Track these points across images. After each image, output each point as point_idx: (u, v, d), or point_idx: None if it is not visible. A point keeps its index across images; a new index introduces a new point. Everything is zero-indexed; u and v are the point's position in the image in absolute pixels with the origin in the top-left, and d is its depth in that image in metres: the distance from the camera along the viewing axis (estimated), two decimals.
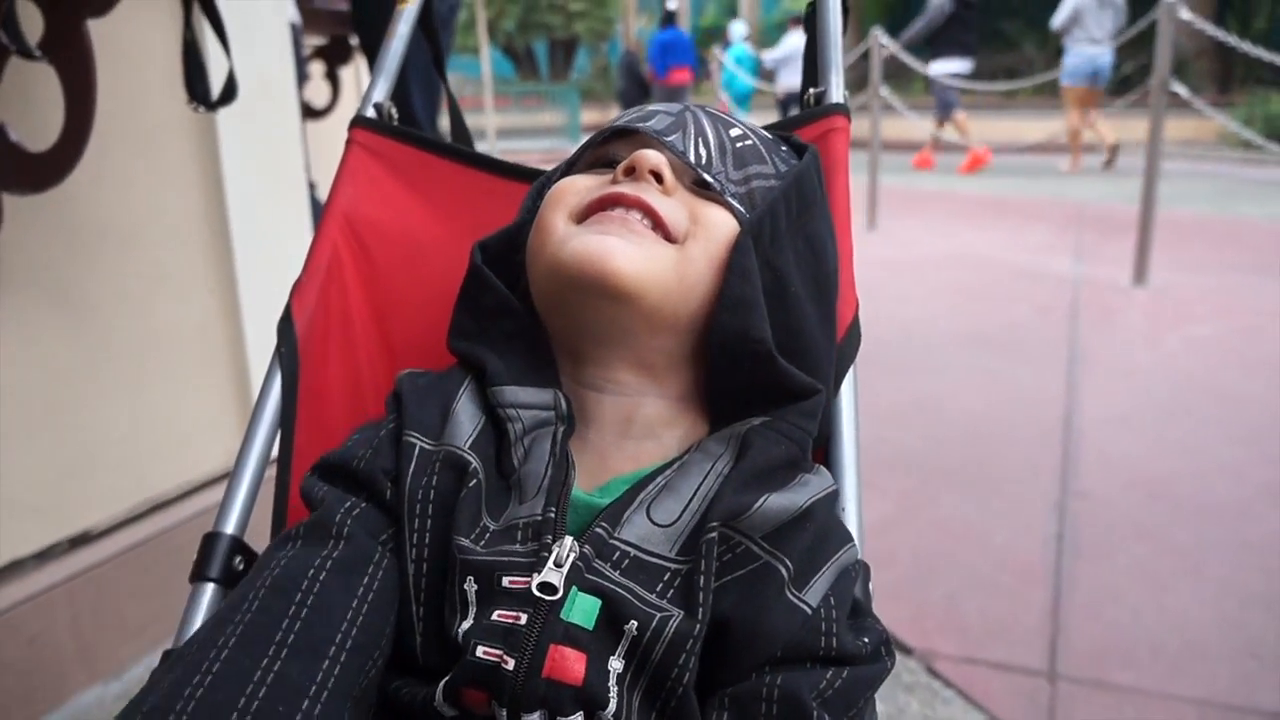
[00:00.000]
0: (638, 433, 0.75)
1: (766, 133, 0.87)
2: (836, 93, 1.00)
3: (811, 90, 1.02)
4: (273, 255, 2.07)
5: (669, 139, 0.79)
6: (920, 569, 2.16)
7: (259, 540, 0.88)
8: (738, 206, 0.78)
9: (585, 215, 0.76)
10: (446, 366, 0.82)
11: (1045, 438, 2.86)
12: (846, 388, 0.86)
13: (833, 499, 0.75)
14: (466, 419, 0.75)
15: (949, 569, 2.16)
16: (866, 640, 0.68)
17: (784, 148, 0.87)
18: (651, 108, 0.85)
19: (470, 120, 1.25)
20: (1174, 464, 2.66)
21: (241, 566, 0.84)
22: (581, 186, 0.79)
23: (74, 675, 1.73)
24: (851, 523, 0.79)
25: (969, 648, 1.88)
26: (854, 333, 0.87)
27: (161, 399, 1.88)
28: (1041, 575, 2.12)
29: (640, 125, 0.81)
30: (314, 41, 2.90)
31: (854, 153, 1.04)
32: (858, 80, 8.43)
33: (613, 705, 0.61)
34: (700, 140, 0.80)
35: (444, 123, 1.90)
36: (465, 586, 0.66)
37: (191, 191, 1.93)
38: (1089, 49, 8.62)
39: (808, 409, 0.75)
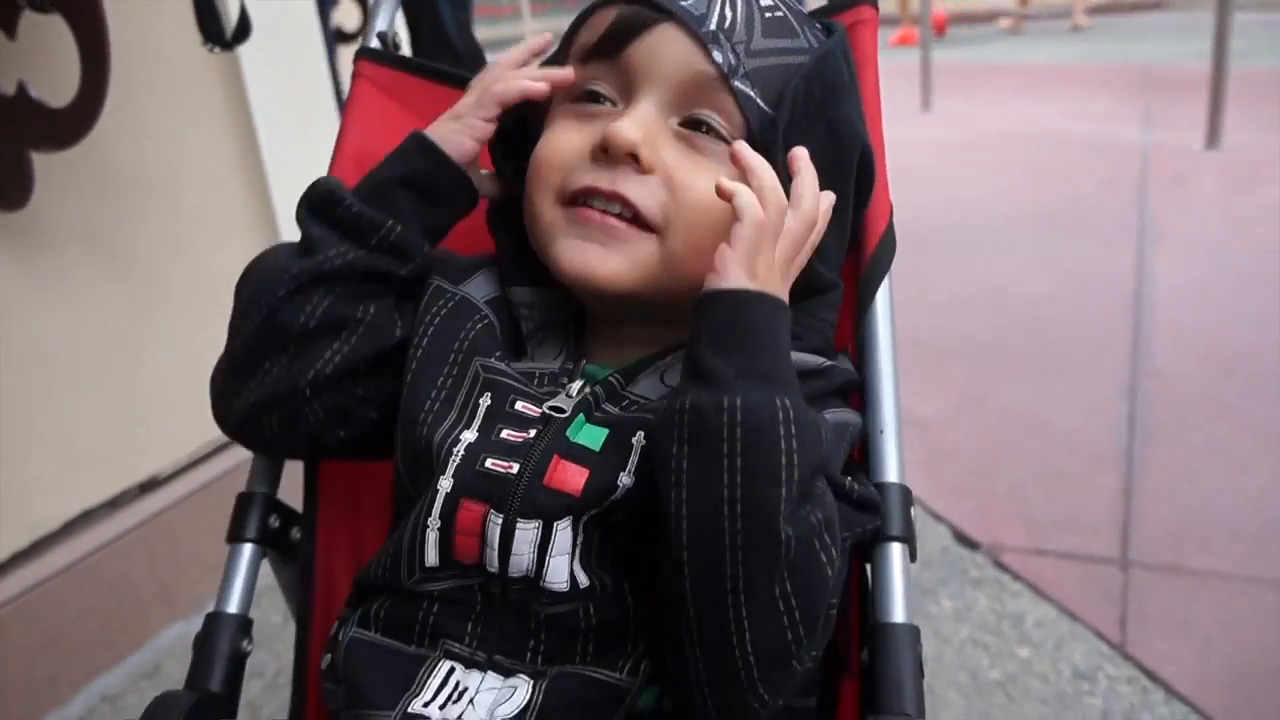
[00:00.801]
0: (657, 337, 0.77)
1: (797, 6, 0.84)
2: None
3: None
4: None
5: (686, 3, 0.74)
6: (985, 461, 2.12)
7: (292, 498, 0.88)
8: (748, 93, 0.74)
9: (568, 200, 0.75)
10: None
11: (1114, 317, 2.76)
12: (882, 298, 0.82)
13: (852, 384, 0.79)
14: (487, 286, 0.83)
15: (1015, 459, 2.12)
16: (857, 486, 0.71)
17: (817, 24, 0.84)
18: None
19: (508, 29, 1.20)
20: (1251, 336, 2.56)
21: (278, 524, 0.85)
22: (563, 157, 0.76)
23: (155, 614, 1.79)
24: (889, 447, 0.76)
25: (1037, 539, 1.85)
26: (887, 241, 0.83)
27: (210, 342, 1.87)
28: (1111, 460, 2.07)
29: None
30: None
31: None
32: None
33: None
34: (728, 3, 0.76)
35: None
36: (480, 399, 0.73)
37: (222, 133, 1.91)
38: None
39: (828, 301, 0.78)
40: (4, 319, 1.56)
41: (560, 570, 0.66)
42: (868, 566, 0.73)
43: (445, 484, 0.69)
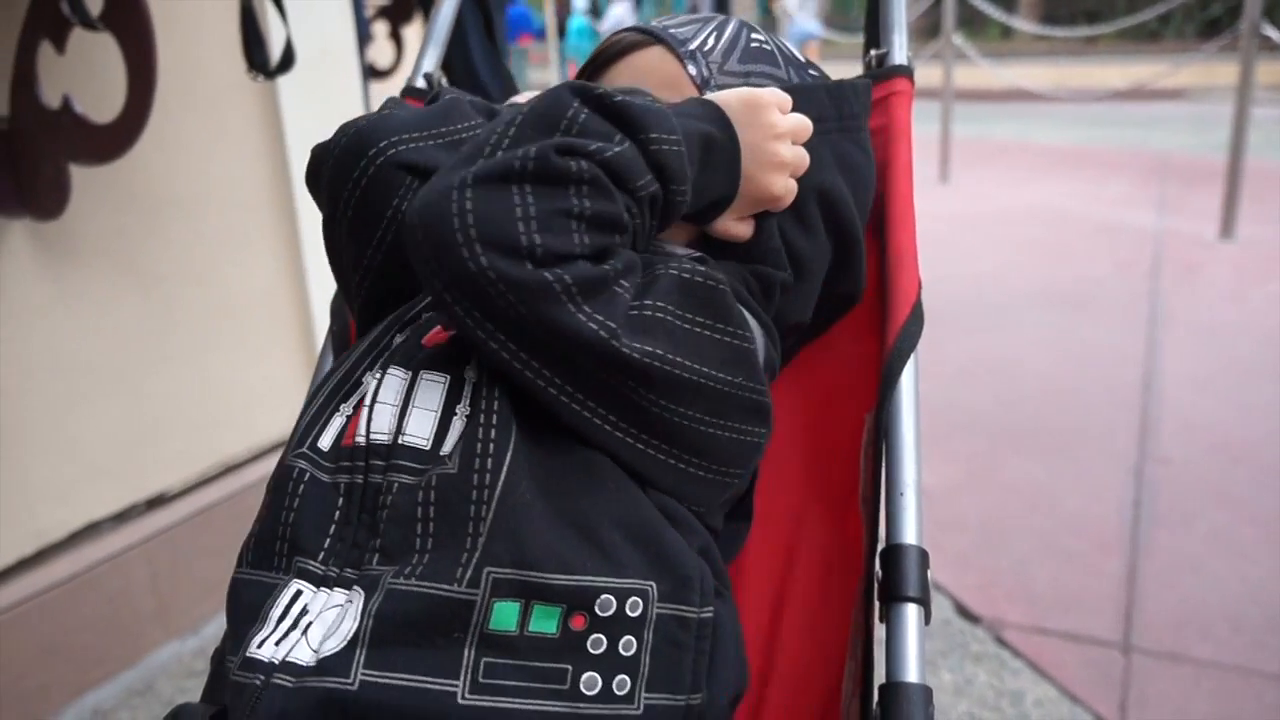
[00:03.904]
0: None
1: (800, 57, 0.92)
2: (900, 54, 0.96)
3: (873, 52, 0.98)
4: None
5: (675, 30, 0.86)
6: (989, 535, 2.11)
7: None
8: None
9: None
10: None
11: (1123, 400, 2.77)
12: (907, 376, 0.83)
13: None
14: None
15: (1019, 535, 2.11)
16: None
17: (812, 71, 0.91)
18: (701, 15, 0.91)
19: (537, 75, 1.23)
20: (1260, 427, 2.56)
21: None
22: None
23: (151, 632, 1.78)
24: (910, 510, 0.76)
25: (1039, 617, 1.84)
26: (917, 313, 0.84)
27: (229, 364, 1.91)
28: (1117, 543, 2.06)
29: (659, 27, 0.87)
30: (377, 1, 2.89)
31: (926, 103, 1.00)
32: (930, 27, 8.19)
33: None
34: (716, 35, 0.86)
35: None
36: None
37: (255, 159, 1.94)
38: None
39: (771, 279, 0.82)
40: (26, 327, 1.58)
41: (422, 425, 0.65)
42: (880, 625, 0.73)
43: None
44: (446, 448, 0.64)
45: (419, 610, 0.59)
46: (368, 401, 0.66)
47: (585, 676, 0.59)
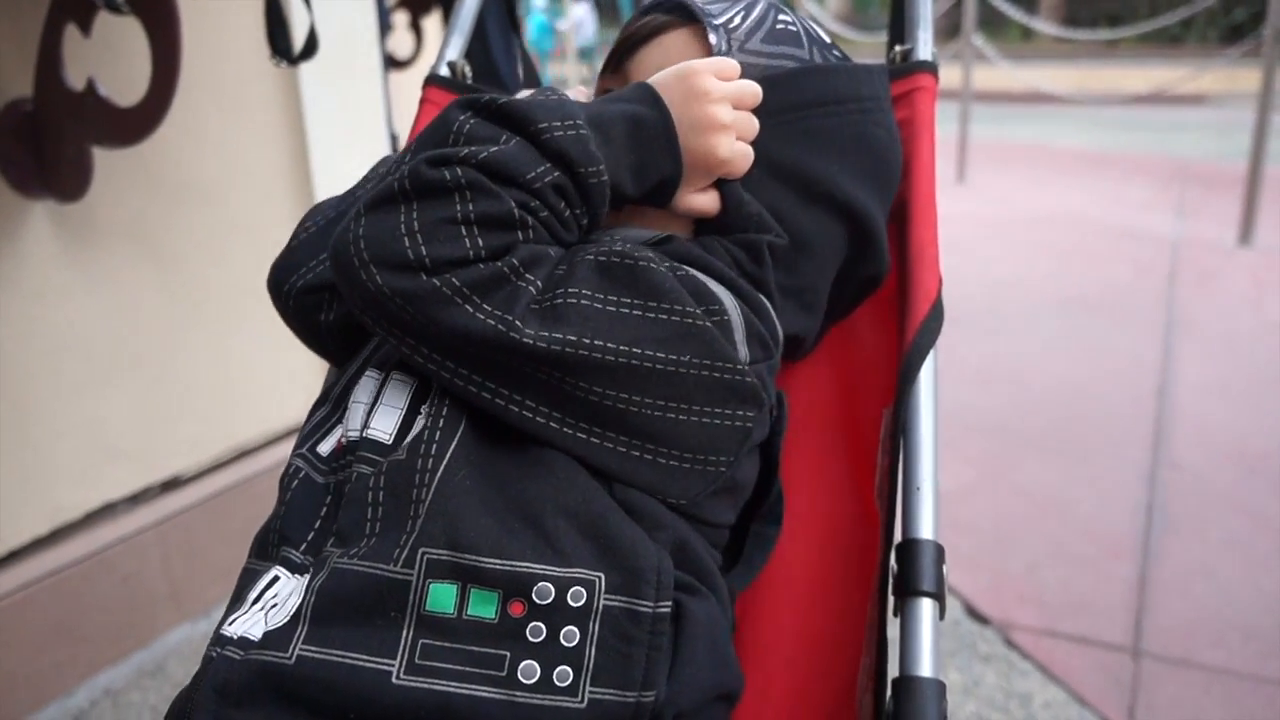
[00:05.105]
0: None
1: (826, 39, 0.90)
2: (924, 49, 0.95)
3: (898, 47, 0.98)
4: None
5: (706, 4, 0.85)
6: (1000, 537, 2.11)
7: None
8: None
9: None
10: None
11: (1137, 405, 2.76)
12: (926, 372, 0.83)
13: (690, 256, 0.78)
14: None
15: (1030, 538, 2.11)
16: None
17: (836, 52, 0.89)
18: None
19: (554, 69, 1.23)
20: (1275, 436, 2.54)
21: None
22: None
23: (164, 613, 1.80)
24: (926, 505, 0.76)
25: (1049, 620, 1.83)
26: (937, 310, 0.84)
27: (246, 349, 1.92)
28: (1128, 548, 2.05)
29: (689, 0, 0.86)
30: None
31: (944, 103, 1.00)
32: (950, 28, 8.15)
33: None
34: (744, 13, 0.85)
35: None
36: None
37: (275, 145, 1.95)
38: None
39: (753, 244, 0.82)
40: (47, 308, 1.59)
41: (387, 421, 0.68)
42: (895, 620, 0.73)
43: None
44: (406, 442, 0.66)
45: (357, 588, 0.60)
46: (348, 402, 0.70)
47: (524, 664, 0.59)
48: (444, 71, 1.10)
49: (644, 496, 0.68)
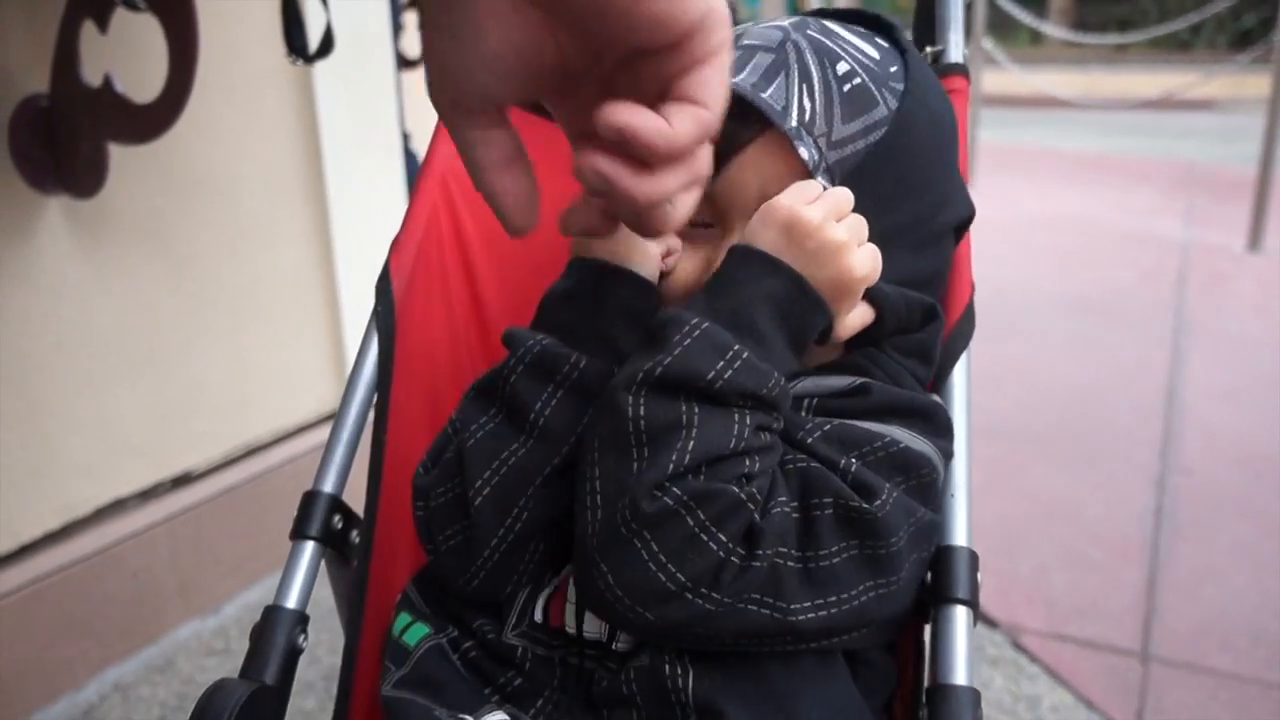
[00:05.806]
0: None
1: (872, 52, 0.79)
2: (956, 51, 0.96)
3: (928, 49, 0.97)
4: (367, 206, 2.09)
5: (766, 94, 0.73)
6: (1008, 540, 2.11)
7: (355, 499, 0.89)
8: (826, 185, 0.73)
9: None
10: None
11: (1146, 409, 2.76)
12: (959, 375, 0.84)
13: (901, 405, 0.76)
14: None
15: (1038, 541, 2.10)
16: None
17: (893, 68, 0.78)
18: (749, 42, 0.76)
19: None
20: None
21: (341, 525, 0.86)
22: (687, 284, 0.78)
23: (173, 609, 1.80)
24: (960, 511, 0.77)
25: (1057, 623, 1.83)
26: (969, 315, 0.85)
27: (257, 347, 1.92)
28: (1137, 552, 2.05)
29: (734, 82, 0.72)
30: None
31: None
32: None
33: None
34: (805, 88, 0.73)
35: None
36: None
37: (288, 143, 1.95)
38: None
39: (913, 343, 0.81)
40: (60, 303, 1.59)
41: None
42: (925, 627, 0.73)
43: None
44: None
45: None
46: (572, 600, 0.73)
47: None
48: None
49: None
